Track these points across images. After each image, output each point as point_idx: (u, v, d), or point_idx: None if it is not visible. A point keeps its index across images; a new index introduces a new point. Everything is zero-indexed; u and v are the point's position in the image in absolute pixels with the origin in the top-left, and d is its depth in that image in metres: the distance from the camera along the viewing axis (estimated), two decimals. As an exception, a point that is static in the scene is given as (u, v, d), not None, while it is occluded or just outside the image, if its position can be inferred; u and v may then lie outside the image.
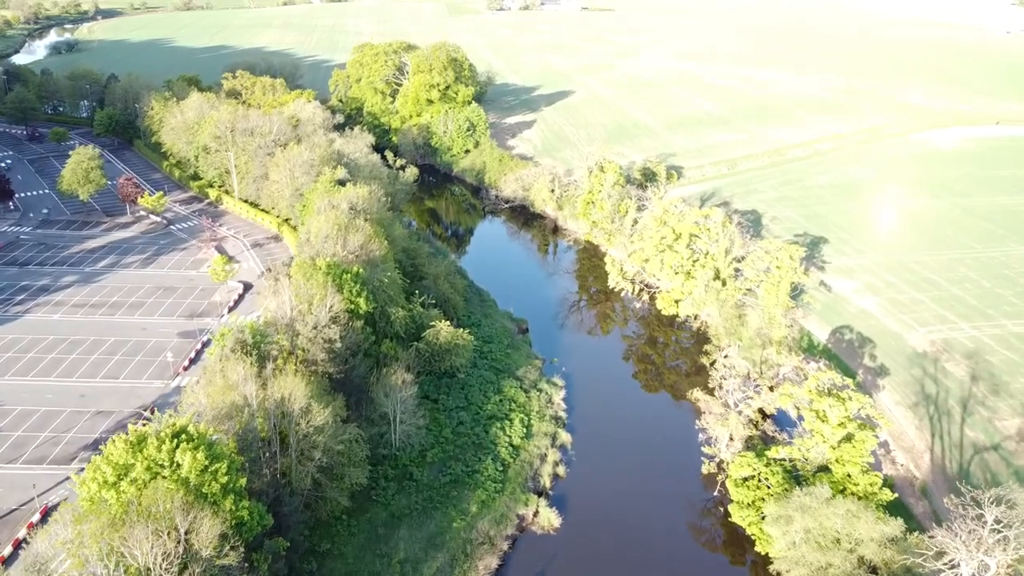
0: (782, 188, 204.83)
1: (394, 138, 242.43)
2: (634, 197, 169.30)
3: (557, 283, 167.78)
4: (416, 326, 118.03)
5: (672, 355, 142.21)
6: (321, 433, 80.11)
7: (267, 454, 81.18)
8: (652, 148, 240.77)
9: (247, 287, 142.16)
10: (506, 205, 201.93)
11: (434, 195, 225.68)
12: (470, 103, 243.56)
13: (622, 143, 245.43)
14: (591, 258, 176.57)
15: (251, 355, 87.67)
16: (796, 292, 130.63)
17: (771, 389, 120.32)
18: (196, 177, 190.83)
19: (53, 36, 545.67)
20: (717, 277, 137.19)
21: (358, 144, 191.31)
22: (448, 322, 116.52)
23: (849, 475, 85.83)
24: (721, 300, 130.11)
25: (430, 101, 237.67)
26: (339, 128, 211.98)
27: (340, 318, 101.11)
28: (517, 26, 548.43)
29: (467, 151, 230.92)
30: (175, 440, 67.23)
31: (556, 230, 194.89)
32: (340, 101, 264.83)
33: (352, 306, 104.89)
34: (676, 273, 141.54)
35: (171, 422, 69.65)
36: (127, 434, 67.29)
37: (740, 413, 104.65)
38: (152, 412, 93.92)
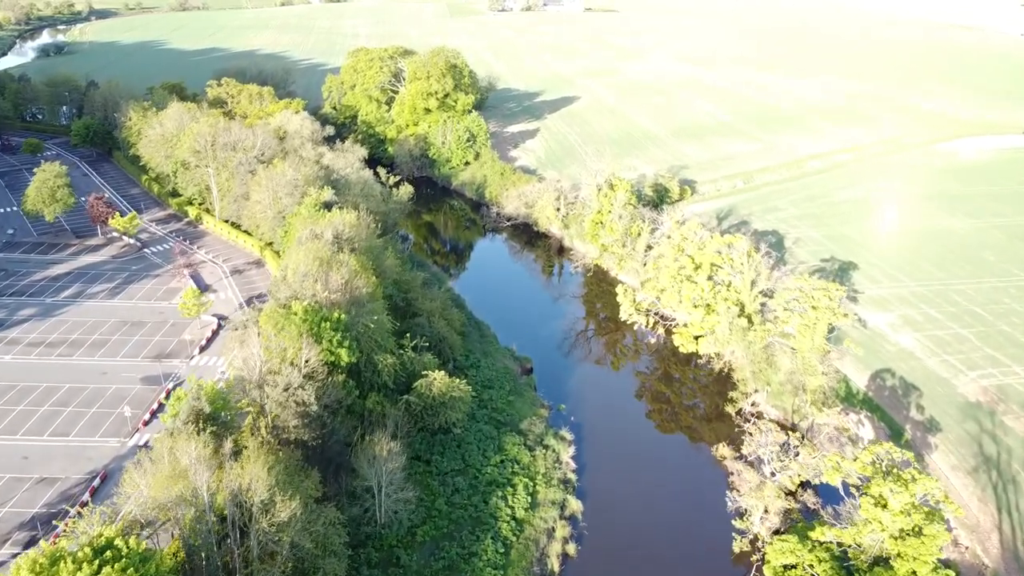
0: (803, 205, 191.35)
1: (390, 149, 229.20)
2: (647, 219, 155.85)
3: (563, 311, 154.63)
4: (407, 374, 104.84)
5: (690, 394, 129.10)
6: (287, 530, 66.82)
7: (221, 553, 67.94)
8: (662, 159, 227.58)
9: (223, 321, 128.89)
10: (508, 223, 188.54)
11: (432, 209, 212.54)
12: (470, 112, 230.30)
13: (630, 154, 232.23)
14: (600, 283, 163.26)
15: (208, 428, 74.41)
16: (832, 332, 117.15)
17: (803, 437, 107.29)
18: (175, 194, 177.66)
19: (46, 37, 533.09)
20: (742, 313, 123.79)
21: (349, 158, 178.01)
22: (443, 371, 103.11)
23: (915, 573, 72.44)
24: (748, 342, 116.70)
25: (428, 110, 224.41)
26: (330, 140, 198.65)
27: (318, 373, 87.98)
28: (519, 28, 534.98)
29: (467, 163, 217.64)
30: (97, 560, 54.00)
31: (562, 250, 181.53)
32: (334, 108, 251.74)
33: (332, 358, 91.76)
34: (695, 306, 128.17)
35: (96, 532, 56.37)
36: (59, 532, 54.08)
37: (776, 483, 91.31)
38: (82, 507, 79.77)
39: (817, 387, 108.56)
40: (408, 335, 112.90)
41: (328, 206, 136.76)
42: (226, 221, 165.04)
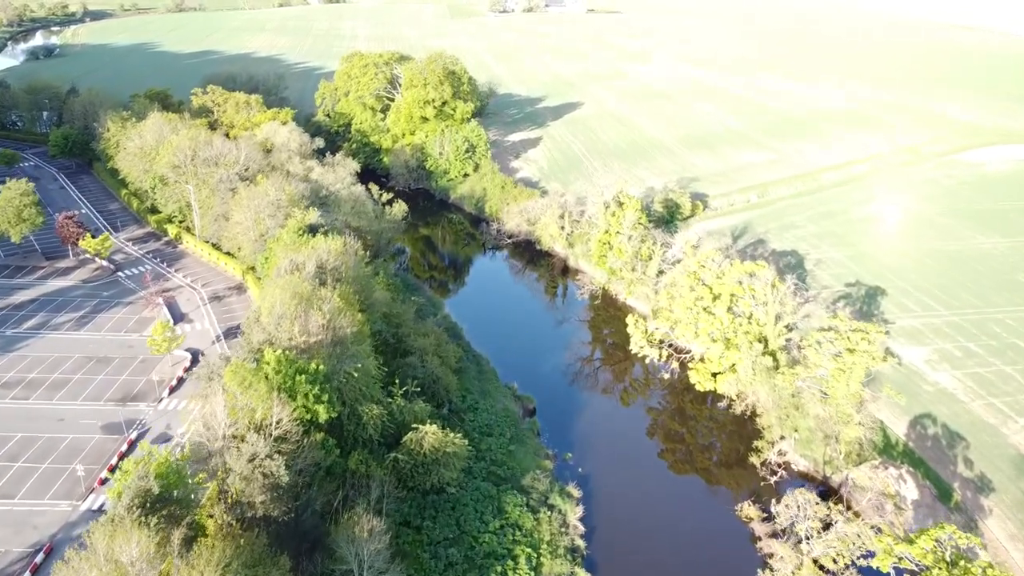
0: (822, 222, 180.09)
1: (385, 159, 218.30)
2: (659, 241, 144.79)
3: (568, 338, 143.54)
4: (396, 424, 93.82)
5: (706, 433, 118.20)
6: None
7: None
8: (670, 170, 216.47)
9: (197, 357, 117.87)
10: (509, 240, 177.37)
11: (429, 222, 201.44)
12: (469, 120, 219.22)
13: (637, 164, 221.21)
14: (608, 307, 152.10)
15: (157, 513, 63.38)
16: (869, 377, 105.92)
17: (839, 497, 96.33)
18: (154, 211, 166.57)
19: (39, 39, 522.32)
20: (765, 349, 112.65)
21: (340, 173, 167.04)
22: (435, 425, 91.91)
23: None
24: (774, 385, 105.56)
25: (425, 118, 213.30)
26: (320, 153, 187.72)
27: (291, 435, 76.97)
28: (521, 30, 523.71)
29: (465, 175, 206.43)
30: None
31: (566, 270, 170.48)
32: (327, 116, 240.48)
33: (309, 415, 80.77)
34: (714, 341, 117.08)
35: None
36: None
37: (815, 560, 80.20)
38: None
39: (853, 439, 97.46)
40: (398, 379, 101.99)
41: (313, 229, 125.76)
42: (207, 241, 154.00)
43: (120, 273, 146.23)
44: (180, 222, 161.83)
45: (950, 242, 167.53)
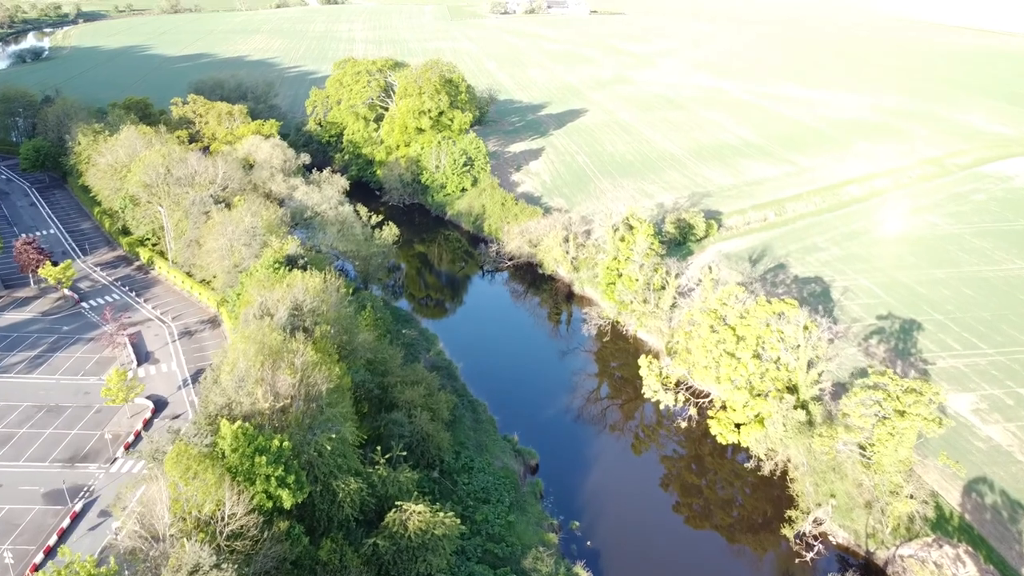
0: (846, 243, 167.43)
1: (379, 172, 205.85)
2: (673, 272, 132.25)
3: (573, 374, 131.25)
4: (378, 498, 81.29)
5: (727, 488, 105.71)
6: None
7: None
8: (681, 184, 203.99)
9: (160, 406, 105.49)
10: (509, 262, 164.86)
11: (425, 240, 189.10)
12: (467, 131, 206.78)
13: (645, 178, 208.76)
14: (616, 339, 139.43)
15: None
16: (920, 439, 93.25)
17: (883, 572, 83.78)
18: (127, 231, 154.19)
19: (31, 41, 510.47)
20: (797, 401, 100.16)
21: (327, 192, 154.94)
22: (424, 501, 79.42)
23: None
24: (809, 448, 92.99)
25: (420, 129, 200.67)
26: (307, 168, 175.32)
27: (249, 528, 64.52)
28: (522, 32, 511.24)
29: (463, 190, 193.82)
30: None
31: (571, 296, 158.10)
32: (319, 125, 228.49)
33: (272, 501, 68.33)
34: (738, 388, 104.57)
35: None
36: None
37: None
38: None
39: (902, 513, 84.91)
40: (382, 439, 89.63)
41: (292, 261, 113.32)
42: (181, 268, 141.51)
43: (84, 304, 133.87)
44: (153, 245, 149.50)
45: (986, 267, 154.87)
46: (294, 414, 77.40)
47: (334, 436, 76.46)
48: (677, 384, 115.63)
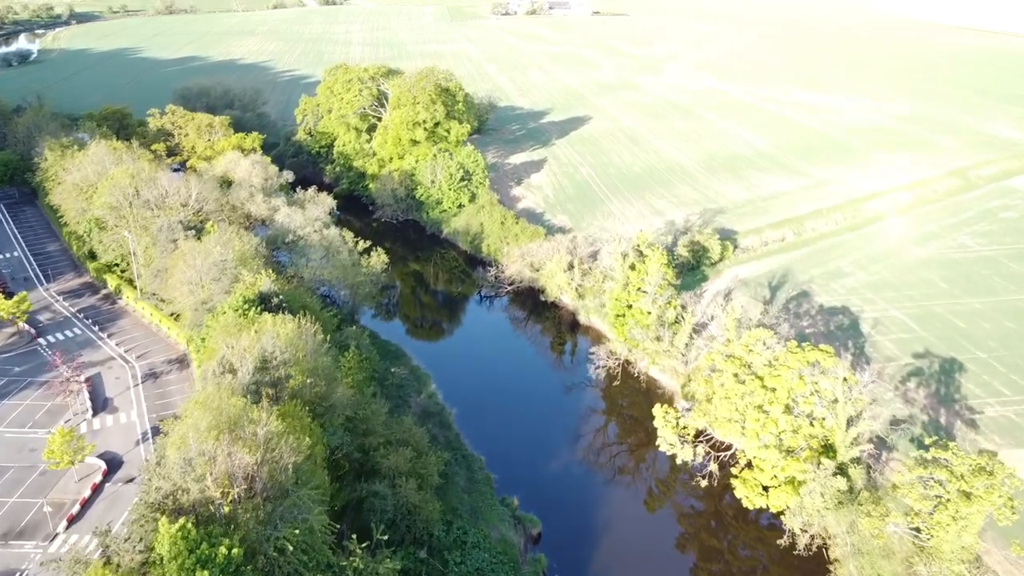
0: (871, 267, 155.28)
1: (371, 185, 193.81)
2: (690, 308, 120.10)
3: (578, 415, 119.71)
4: (354, 594, 69.21)
5: (751, 552, 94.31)
6: None
7: None
8: (692, 199, 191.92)
9: (114, 466, 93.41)
10: (509, 287, 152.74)
11: (420, 258, 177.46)
12: (465, 143, 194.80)
13: (654, 192, 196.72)
14: (626, 376, 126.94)
15: None
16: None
17: None
18: (94, 255, 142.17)
19: (23, 43, 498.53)
20: (836, 465, 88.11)
21: (311, 212, 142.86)
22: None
23: None
24: (852, 526, 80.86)
25: (415, 141, 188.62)
26: (294, 185, 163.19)
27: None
28: (523, 34, 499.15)
29: (460, 206, 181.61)
30: None
31: (575, 326, 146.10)
32: (309, 135, 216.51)
33: (217, 622, 56.23)
34: (767, 447, 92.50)
35: None
36: None
37: None
38: None
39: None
40: (360, 514, 77.55)
41: (265, 300, 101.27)
42: (150, 296, 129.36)
43: (41, 340, 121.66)
44: (122, 272, 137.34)
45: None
46: (253, 502, 65.37)
47: (298, 530, 64.31)
48: (696, 436, 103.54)
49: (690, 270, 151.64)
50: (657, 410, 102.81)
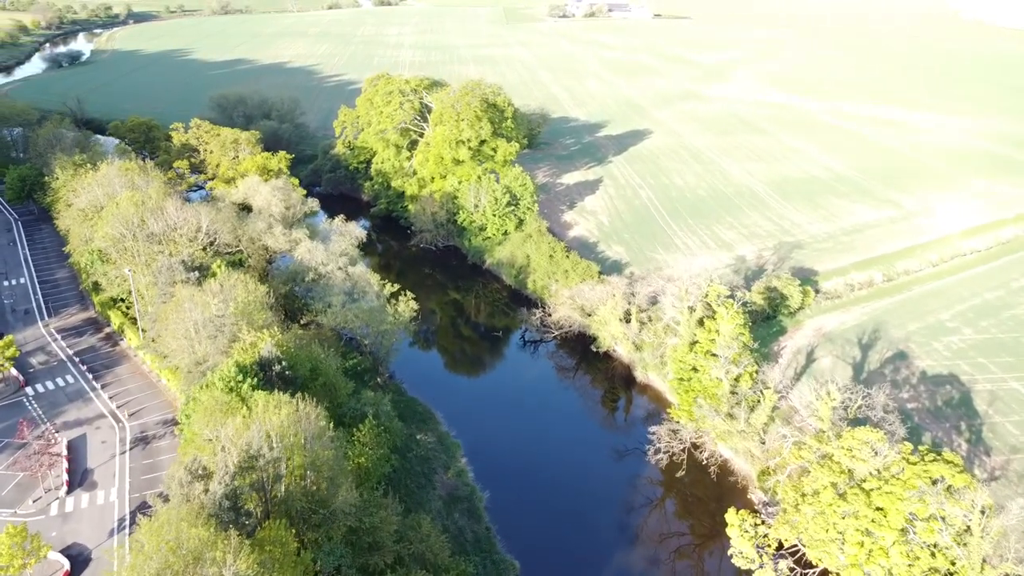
0: (979, 322, 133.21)
1: (410, 207, 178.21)
2: (767, 374, 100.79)
3: (631, 498, 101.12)
4: None
5: None
6: None
7: None
8: (764, 230, 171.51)
9: (79, 565, 78.74)
10: (557, 332, 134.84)
11: (461, 287, 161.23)
12: (513, 163, 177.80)
13: (721, 220, 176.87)
14: (693, 450, 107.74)
15: None
16: None
17: None
18: (98, 287, 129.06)
19: (81, 42, 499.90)
20: (968, 619, 68.41)
21: (337, 246, 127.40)
22: None
23: None
24: None
25: (457, 161, 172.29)
26: (330, 201, 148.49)
27: None
28: (581, 39, 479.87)
29: (505, 233, 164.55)
30: None
31: (630, 381, 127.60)
32: (348, 148, 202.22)
33: None
34: (872, 581, 73.08)
35: None
36: None
37: None
38: None
39: None
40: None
41: (265, 367, 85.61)
42: (152, 341, 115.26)
43: (28, 389, 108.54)
44: (127, 307, 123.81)
45: None
46: None
47: None
48: (778, 548, 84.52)
49: (765, 320, 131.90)
50: (731, 516, 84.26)
